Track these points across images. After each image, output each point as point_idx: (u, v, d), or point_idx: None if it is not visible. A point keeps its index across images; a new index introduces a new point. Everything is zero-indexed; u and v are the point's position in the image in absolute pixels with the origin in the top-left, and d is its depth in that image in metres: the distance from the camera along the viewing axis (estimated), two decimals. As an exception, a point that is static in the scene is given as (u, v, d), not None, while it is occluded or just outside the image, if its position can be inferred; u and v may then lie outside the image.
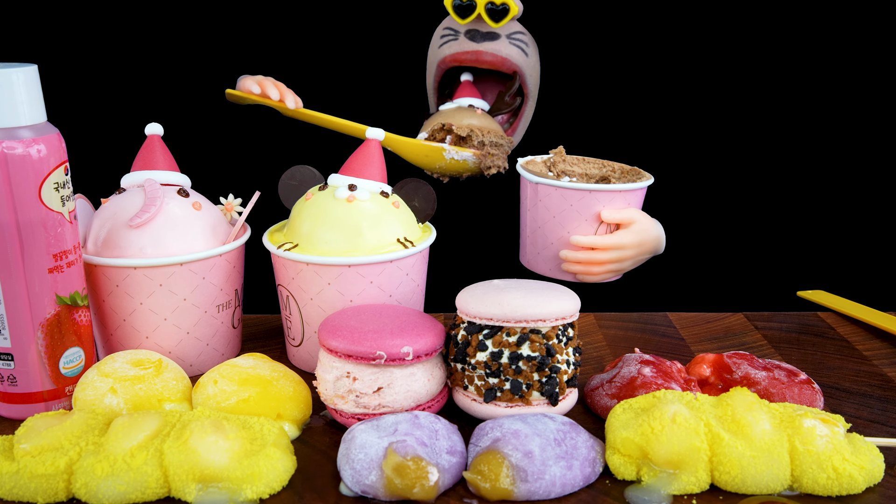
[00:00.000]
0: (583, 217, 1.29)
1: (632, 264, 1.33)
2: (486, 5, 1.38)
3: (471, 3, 1.39)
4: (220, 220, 1.17)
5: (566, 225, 1.30)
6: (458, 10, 1.39)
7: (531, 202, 1.34)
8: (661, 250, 1.36)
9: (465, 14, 1.39)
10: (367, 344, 0.94)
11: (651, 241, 1.32)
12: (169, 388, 0.98)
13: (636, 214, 1.30)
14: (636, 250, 1.31)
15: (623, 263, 1.32)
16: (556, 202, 1.30)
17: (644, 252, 1.32)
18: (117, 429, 0.85)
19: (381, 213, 1.11)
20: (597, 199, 1.28)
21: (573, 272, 1.32)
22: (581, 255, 1.29)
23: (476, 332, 0.97)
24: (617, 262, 1.31)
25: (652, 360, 1.04)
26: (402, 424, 0.88)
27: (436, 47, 1.45)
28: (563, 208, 1.30)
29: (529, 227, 1.36)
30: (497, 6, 1.38)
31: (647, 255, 1.34)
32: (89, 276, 1.09)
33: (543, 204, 1.31)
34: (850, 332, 1.31)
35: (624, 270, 1.34)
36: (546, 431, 0.87)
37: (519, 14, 1.40)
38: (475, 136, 1.38)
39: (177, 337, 1.12)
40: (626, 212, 1.29)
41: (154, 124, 1.17)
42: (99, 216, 1.11)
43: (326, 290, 1.09)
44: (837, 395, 1.09)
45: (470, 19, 1.40)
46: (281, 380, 0.99)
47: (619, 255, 1.30)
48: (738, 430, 0.86)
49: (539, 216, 1.33)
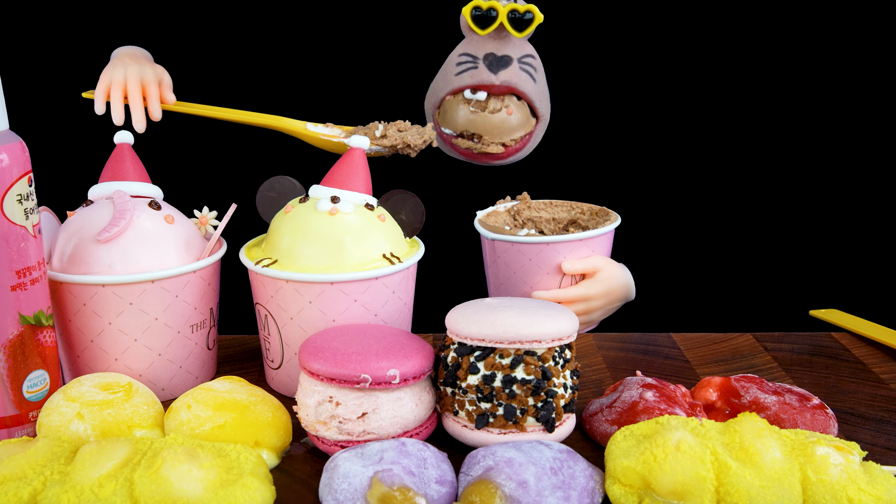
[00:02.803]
0: (543, 270, 1.31)
1: (601, 314, 1.35)
2: (508, 13, 1.36)
3: (491, 11, 1.37)
4: (195, 235, 1.17)
5: (527, 280, 1.32)
6: (478, 21, 1.37)
7: (490, 259, 1.36)
8: (632, 296, 1.37)
9: (486, 24, 1.37)
10: (351, 366, 0.94)
11: (619, 289, 1.34)
12: (139, 414, 0.98)
13: (600, 262, 1.31)
14: (604, 300, 1.32)
15: (592, 315, 1.33)
16: (514, 257, 1.32)
17: (612, 301, 1.34)
18: (84, 457, 0.85)
19: (366, 227, 1.12)
20: (556, 250, 1.30)
21: None
22: None
23: (467, 354, 0.97)
24: (585, 313, 1.32)
25: (654, 383, 1.04)
26: (389, 452, 0.88)
27: (452, 74, 1.42)
28: (521, 263, 1.31)
29: (492, 283, 1.38)
30: (521, 14, 1.37)
31: (618, 304, 1.36)
32: (54, 294, 1.09)
33: (502, 260, 1.33)
34: (866, 353, 1.31)
35: (594, 323, 1.36)
36: (542, 460, 0.87)
37: (541, 21, 1.39)
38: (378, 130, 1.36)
39: (148, 359, 1.12)
40: (588, 260, 1.30)
41: (123, 132, 1.17)
42: (65, 230, 1.11)
43: (307, 309, 1.10)
44: (852, 421, 1.10)
45: (491, 29, 1.37)
46: (259, 405, 0.99)
47: (586, 307, 1.32)
48: (747, 459, 0.86)
49: (500, 272, 1.35)
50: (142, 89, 1.32)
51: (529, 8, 1.36)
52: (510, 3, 1.36)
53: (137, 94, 1.32)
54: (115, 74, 1.32)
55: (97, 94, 1.32)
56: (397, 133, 1.31)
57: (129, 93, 1.31)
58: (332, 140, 1.34)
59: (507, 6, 1.35)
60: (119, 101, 1.31)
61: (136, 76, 1.32)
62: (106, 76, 1.33)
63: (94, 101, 1.32)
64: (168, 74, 1.37)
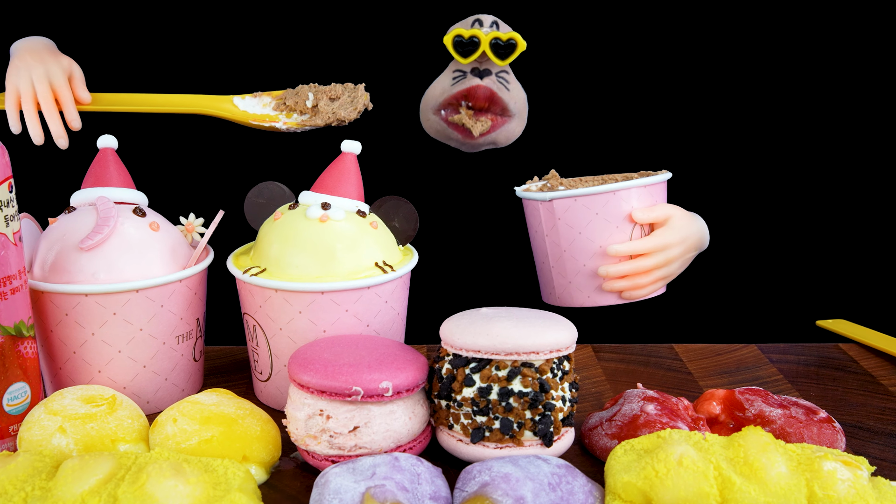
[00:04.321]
0: (613, 224, 1.28)
1: (679, 266, 1.32)
2: (490, 42, 1.35)
3: (473, 39, 1.36)
4: (181, 242, 1.17)
5: (596, 238, 1.29)
6: (459, 48, 1.36)
7: (548, 225, 1.32)
8: (706, 244, 1.36)
9: (468, 52, 1.36)
10: (343, 379, 0.94)
11: (694, 236, 1.32)
12: (124, 428, 0.98)
13: (671, 209, 1.30)
14: (681, 248, 1.30)
15: (671, 267, 1.30)
16: (578, 215, 1.28)
17: (689, 249, 1.32)
18: (67, 472, 0.85)
19: (358, 235, 1.12)
20: (624, 199, 1.27)
21: (618, 290, 1.30)
22: (624, 268, 1.28)
23: (462, 366, 0.97)
24: (665, 265, 1.29)
25: (656, 396, 1.05)
26: (381, 467, 0.88)
27: (448, 85, 1.40)
28: (588, 220, 1.28)
29: (552, 255, 1.34)
30: (503, 42, 1.37)
31: (693, 253, 1.34)
32: (36, 304, 1.09)
33: (564, 222, 1.30)
34: (874, 365, 1.31)
35: (672, 276, 1.33)
36: (539, 475, 0.88)
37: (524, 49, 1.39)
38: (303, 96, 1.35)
39: (132, 371, 1.12)
40: (659, 208, 1.29)
41: (107, 136, 1.17)
42: (46, 238, 1.11)
43: (297, 320, 1.10)
44: (861, 435, 1.10)
45: (472, 58, 1.36)
46: (247, 418, 0.99)
47: (666, 257, 1.29)
48: (752, 474, 0.86)
49: (562, 238, 1.31)
50: (53, 95, 1.27)
51: (512, 36, 1.36)
52: (492, 30, 1.36)
53: (51, 103, 1.26)
54: (20, 82, 1.27)
55: (9, 111, 1.27)
56: (328, 105, 1.30)
57: (42, 103, 1.26)
58: (264, 124, 1.33)
59: (490, 34, 1.35)
60: (33, 116, 1.26)
61: (43, 80, 1.27)
62: (10, 85, 1.27)
63: (8, 117, 1.26)
64: (77, 65, 1.32)
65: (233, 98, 1.34)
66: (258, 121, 1.33)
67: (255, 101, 1.33)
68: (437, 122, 1.41)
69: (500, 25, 1.36)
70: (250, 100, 1.33)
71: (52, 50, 1.32)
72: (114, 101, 1.33)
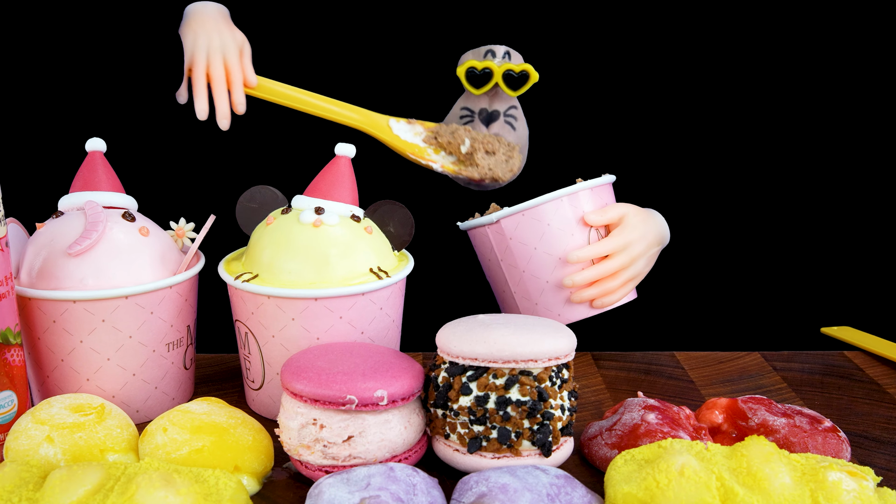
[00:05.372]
0: (567, 232, 1.26)
1: (645, 265, 1.31)
2: (503, 73, 1.37)
3: (486, 71, 1.37)
4: (171, 248, 1.17)
5: (553, 249, 1.27)
6: (472, 80, 1.38)
7: (500, 248, 1.30)
8: (668, 238, 1.35)
9: (480, 84, 1.38)
10: (336, 387, 0.94)
11: (653, 231, 1.31)
12: (112, 437, 0.98)
13: (624, 207, 1.29)
14: (643, 244, 1.29)
15: (637, 266, 1.29)
16: (530, 229, 1.27)
17: (651, 245, 1.31)
18: (54, 483, 0.85)
19: (352, 240, 1.12)
20: (573, 203, 1.26)
21: (588, 299, 1.28)
22: (589, 273, 1.26)
23: (459, 374, 0.98)
24: (630, 265, 1.28)
25: (657, 405, 1.05)
26: (376, 478, 0.88)
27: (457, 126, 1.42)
28: (541, 232, 1.26)
29: (511, 279, 1.32)
30: (516, 74, 1.38)
31: (657, 249, 1.33)
32: (23, 311, 1.09)
33: (516, 240, 1.28)
34: (880, 373, 1.32)
35: (640, 276, 1.32)
36: (538, 486, 0.88)
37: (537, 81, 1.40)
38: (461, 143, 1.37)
39: (121, 379, 1.12)
40: (612, 208, 1.28)
41: (95, 139, 1.17)
42: (34, 243, 1.11)
43: (290, 327, 1.10)
44: (866, 445, 1.10)
45: (485, 89, 1.38)
46: (239, 427, 0.99)
47: (630, 256, 1.28)
48: (755, 485, 0.86)
49: (517, 258, 1.29)
50: (225, 72, 1.30)
51: (525, 68, 1.37)
52: (505, 62, 1.37)
53: (222, 82, 1.29)
54: (197, 51, 1.29)
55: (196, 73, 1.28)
56: (485, 158, 1.31)
57: (214, 80, 1.29)
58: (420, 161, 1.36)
59: (503, 66, 1.36)
60: (203, 91, 1.29)
61: (217, 54, 1.29)
62: (188, 49, 1.29)
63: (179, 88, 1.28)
64: (248, 43, 1.34)
65: (389, 119, 1.36)
66: (411, 152, 1.37)
67: (408, 128, 1.36)
68: None
69: (512, 56, 1.37)
70: (404, 125, 1.35)
71: (228, 20, 1.35)
72: (275, 92, 1.35)
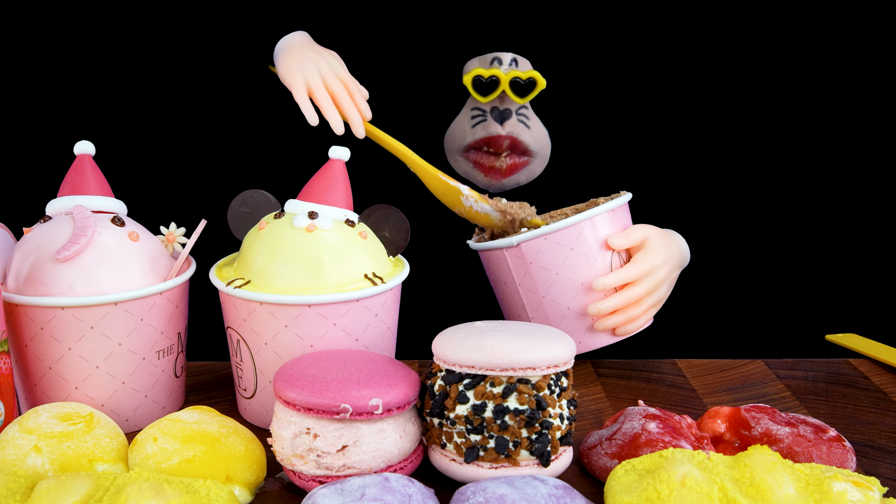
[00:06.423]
0: (591, 257, 1.25)
1: (667, 290, 1.31)
2: (510, 81, 1.38)
3: (493, 79, 1.38)
4: (161, 253, 1.17)
5: (576, 275, 1.26)
6: (479, 88, 1.39)
7: (519, 273, 1.28)
8: (688, 260, 1.35)
9: (487, 92, 1.39)
10: (330, 395, 0.94)
11: (676, 253, 1.31)
12: (101, 447, 0.98)
13: (646, 230, 1.29)
14: (666, 268, 1.29)
15: (660, 291, 1.29)
16: (552, 254, 1.25)
17: (674, 268, 1.31)
18: (42, 493, 0.85)
19: (347, 245, 1.12)
20: (597, 227, 1.25)
21: (613, 326, 1.27)
22: (615, 301, 1.25)
23: (456, 382, 0.98)
24: (654, 290, 1.28)
25: (658, 414, 1.05)
26: (371, 488, 0.88)
27: (468, 127, 1.43)
28: (564, 257, 1.25)
29: (529, 305, 1.30)
30: (523, 81, 1.39)
31: (677, 272, 1.33)
32: (9, 318, 1.09)
33: (537, 265, 1.26)
34: (886, 381, 1.32)
35: (661, 302, 1.32)
36: (536, 496, 0.88)
37: (544, 87, 1.40)
38: None
39: (111, 387, 1.12)
40: (634, 231, 1.28)
41: (84, 142, 1.17)
42: (21, 248, 1.11)
43: (283, 334, 1.10)
44: (872, 455, 1.10)
45: (492, 97, 1.39)
46: (230, 437, 0.99)
47: (654, 282, 1.27)
48: (758, 495, 0.86)
49: (538, 284, 1.27)
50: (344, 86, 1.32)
51: (532, 75, 1.38)
52: (512, 69, 1.38)
53: (346, 94, 1.31)
54: (309, 76, 1.30)
55: (304, 104, 1.28)
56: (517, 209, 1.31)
57: (338, 95, 1.30)
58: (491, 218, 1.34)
59: (509, 74, 1.37)
60: (332, 107, 1.29)
61: (331, 73, 1.31)
62: (298, 79, 1.30)
63: (304, 111, 1.28)
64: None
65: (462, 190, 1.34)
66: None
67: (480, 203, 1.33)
68: (464, 163, 1.43)
69: (518, 63, 1.38)
70: (483, 204, 1.32)
71: (315, 43, 1.37)
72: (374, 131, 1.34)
